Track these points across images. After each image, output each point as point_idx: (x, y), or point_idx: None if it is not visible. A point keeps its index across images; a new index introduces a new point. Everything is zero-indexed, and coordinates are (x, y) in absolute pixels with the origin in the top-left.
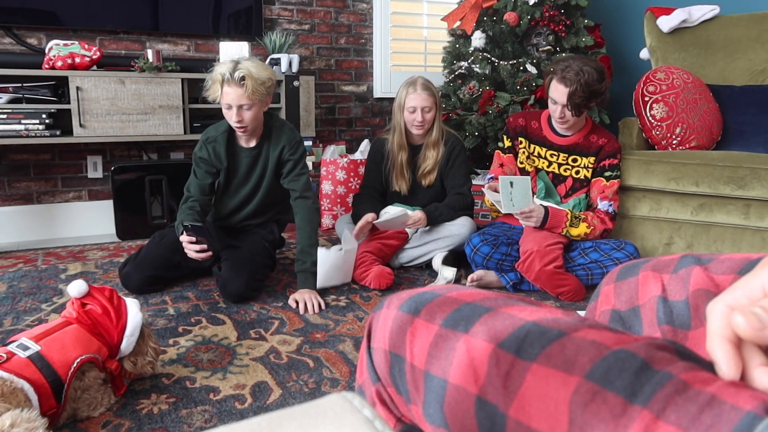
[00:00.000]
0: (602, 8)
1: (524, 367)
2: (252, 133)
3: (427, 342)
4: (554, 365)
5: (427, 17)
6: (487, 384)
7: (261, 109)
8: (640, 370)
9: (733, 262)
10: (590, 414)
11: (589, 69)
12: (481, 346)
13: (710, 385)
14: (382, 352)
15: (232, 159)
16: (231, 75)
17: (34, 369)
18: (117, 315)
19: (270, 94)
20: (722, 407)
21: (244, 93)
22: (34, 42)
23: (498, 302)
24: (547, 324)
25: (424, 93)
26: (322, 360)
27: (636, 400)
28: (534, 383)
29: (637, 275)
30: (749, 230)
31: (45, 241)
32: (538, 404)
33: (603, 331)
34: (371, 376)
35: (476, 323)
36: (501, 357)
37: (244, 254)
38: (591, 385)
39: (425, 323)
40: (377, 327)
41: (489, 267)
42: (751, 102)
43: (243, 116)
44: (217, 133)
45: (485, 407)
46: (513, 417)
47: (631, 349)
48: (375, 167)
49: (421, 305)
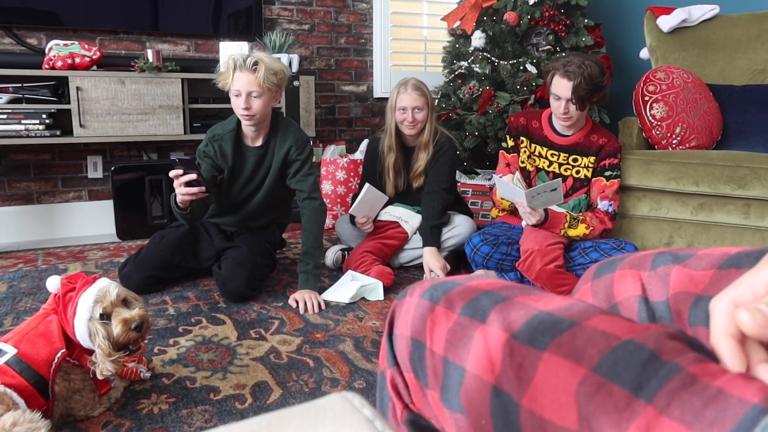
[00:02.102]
0: (602, 8)
1: (536, 356)
2: (259, 130)
3: (446, 330)
4: (564, 354)
5: (427, 17)
6: (502, 374)
7: (270, 100)
8: (648, 362)
9: (713, 257)
10: (595, 406)
11: (590, 63)
12: (496, 335)
13: (718, 378)
14: (404, 339)
15: (239, 158)
16: (244, 61)
17: (13, 374)
18: (65, 306)
19: (281, 87)
20: (728, 401)
21: (255, 79)
22: (34, 42)
23: (515, 291)
24: (559, 313)
25: (415, 93)
26: (323, 360)
27: (641, 394)
28: (545, 373)
29: (613, 272)
30: (749, 230)
31: (45, 241)
32: (549, 394)
33: (615, 319)
34: (389, 360)
35: (492, 312)
36: (515, 347)
37: (244, 253)
38: (597, 378)
39: (445, 311)
40: (400, 314)
41: (489, 267)
42: (751, 101)
43: (251, 104)
44: (224, 131)
45: (500, 396)
46: (526, 407)
47: (640, 339)
48: (371, 167)
49: (442, 293)
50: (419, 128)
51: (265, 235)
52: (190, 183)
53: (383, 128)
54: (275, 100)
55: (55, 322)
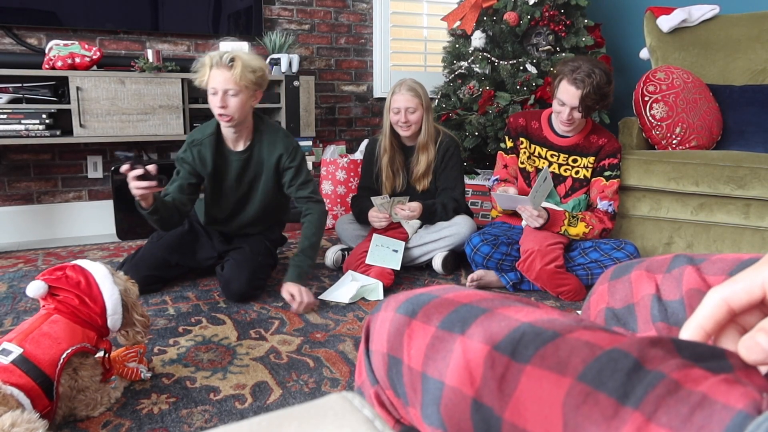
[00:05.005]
0: (602, 8)
1: (519, 369)
2: (240, 133)
3: (424, 344)
4: (548, 366)
5: (427, 17)
6: (483, 386)
7: (249, 100)
8: (632, 370)
9: (725, 263)
10: (582, 416)
11: (599, 71)
12: (476, 347)
13: (701, 383)
14: (380, 355)
15: (221, 163)
16: (220, 57)
17: (20, 373)
18: (93, 300)
19: (260, 86)
20: (713, 407)
21: (232, 76)
22: (34, 42)
23: (494, 303)
24: (542, 325)
25: (408, 94)
26: (323, 360)
27: (628, 401)
28: (528, 385)
29: (630, 274)
30: (749, 230)
31: (45, 241)
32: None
33: (598, 332)
34: (369, 378)
35: (472, 325)
36: (496, 359)
37: (245, 253)
38: (583, 387)
39: (422, 325)
40: (375, 329)
41: (489, 267)
42: (751, 102)
43: (228, 103)
44: (203, 136)
45: (481, 410)
46: (508, 420)
47: (623, 348)
48: (370, 167)
49: (418, 307)
50: (414, 129)
51: (266, 233)
52: (140, 177)
53: (382, 128)
54: (254, 99)
55: (61, 322)
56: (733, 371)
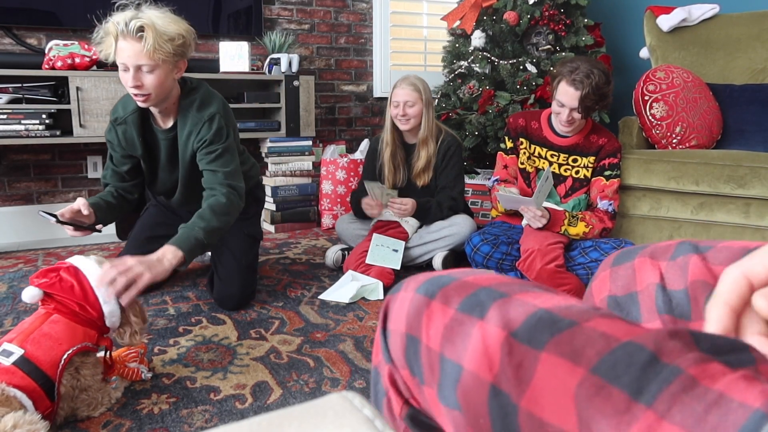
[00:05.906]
0: (602, 7)
1: (535, 356)
2: (168, 110)
3: (442, 325)
4: (562, 353)
5: (427, 17)
6: (501, 373)
7: (169, 74)
8: (648, 365)
9: (731, 251)
10: (594, 408)
11: (598, 72)
12: (494, 332)
13: (719, 380)
14: (398, 334)
15: (152, 143)
16: (126, 25)
17: (21, 375)
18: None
19: (182, 55)
20: (730, 406)
21: (144, 50)
22: (34, 42)
23: (513, 288)
24: (559, 312)
25: (408, 88)
26: (323, 360)
27: (641, 398)
28: (544, 373)
29: (633, 260)
30: (749, 229)
31: (45, 241)
32: (548, 396)
33: (615, 321)
34: (385, 356)
35: (490, 309)
36: (514, 346)
37: (230, 264)
38: (596, 379)
39: (441, 306)
40: (394, 309)
41: (489, 266)
42: (751, 101)
43: (142, 81)
44: (125, 113)
45: (498, 396)
46: (525, 408)
47: (639, 341)
48: (372, 164)
49: (438, 288)
50: (413, 124)
51: (242, 226)
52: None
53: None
54: (178, 71)
55: (61, 322)
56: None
